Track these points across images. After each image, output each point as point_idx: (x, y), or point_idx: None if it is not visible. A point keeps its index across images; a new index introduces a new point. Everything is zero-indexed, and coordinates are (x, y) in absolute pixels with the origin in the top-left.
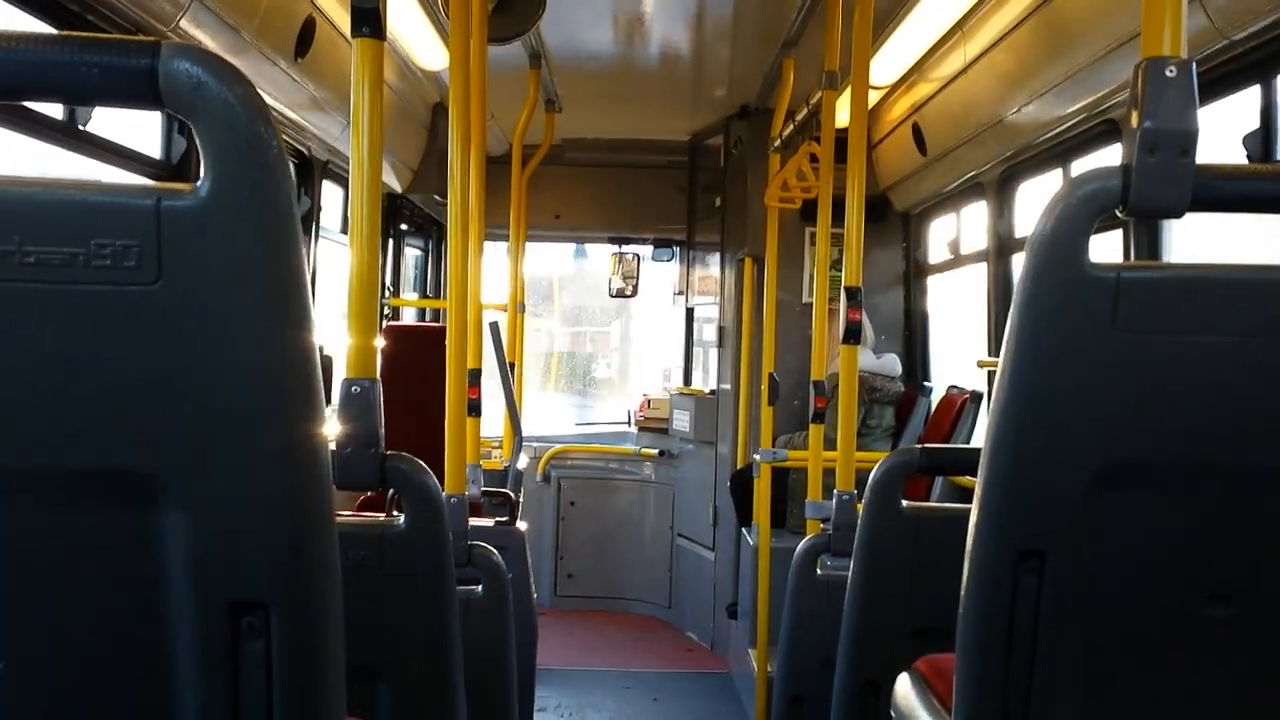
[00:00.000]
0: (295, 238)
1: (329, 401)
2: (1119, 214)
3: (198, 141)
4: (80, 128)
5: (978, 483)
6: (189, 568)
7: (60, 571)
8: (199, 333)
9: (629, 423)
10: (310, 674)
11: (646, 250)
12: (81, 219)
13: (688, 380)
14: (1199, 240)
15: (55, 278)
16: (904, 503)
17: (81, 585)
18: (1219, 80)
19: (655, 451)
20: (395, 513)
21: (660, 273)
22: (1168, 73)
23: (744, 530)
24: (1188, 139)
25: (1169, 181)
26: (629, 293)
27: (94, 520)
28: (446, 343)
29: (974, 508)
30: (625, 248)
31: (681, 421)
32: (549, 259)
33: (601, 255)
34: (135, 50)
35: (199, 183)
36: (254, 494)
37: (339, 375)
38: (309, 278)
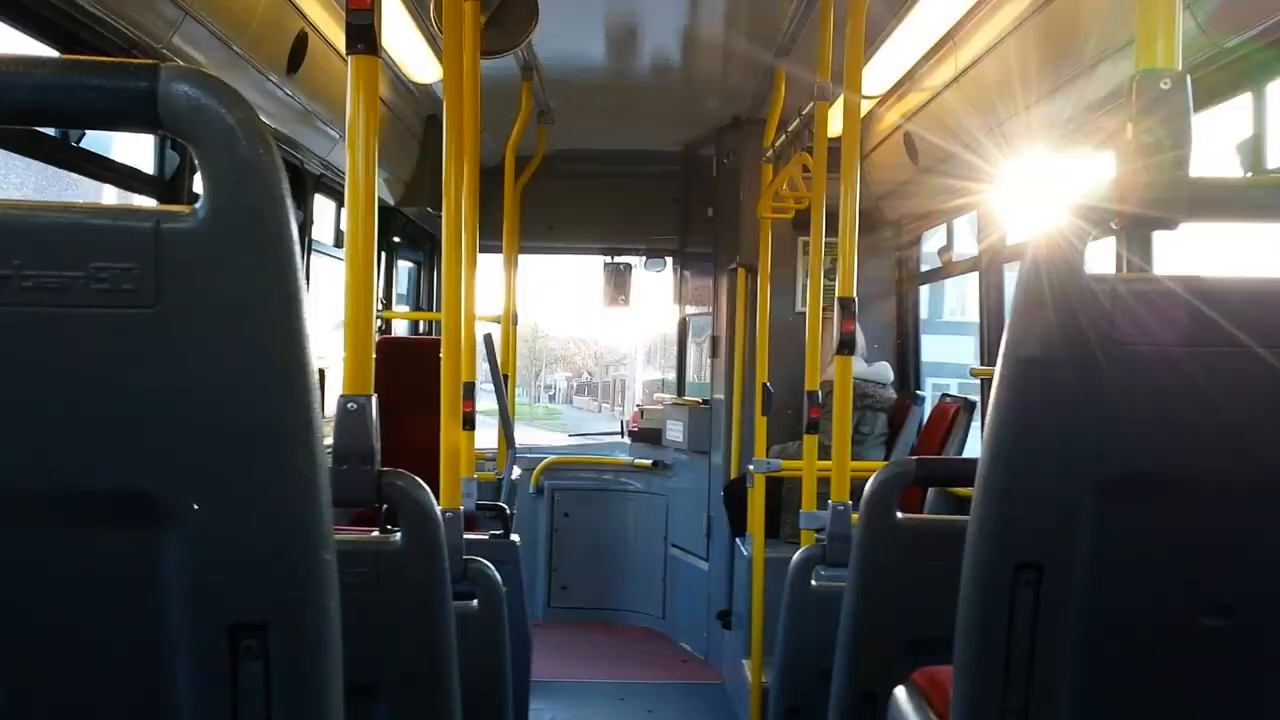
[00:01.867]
0: (294, 260)
1: (324, 416)
2: (1114, 226)
3: (197, 164)
4: (74, 145)
5: (974, 494)
6: (188, 589)
7: (58, 594)
8: (198, 355)
9: (622, 433)
10: (309, 694)
11: (640, 261)
12: (80, 242)
13: (681, 390)
14: (1189, 250)
15: (54, 301)
16: (899, 515)
17: (80, 608)
18: (1211, 88)
19: (649, 462)
20: (391, 528)
21: (656, 283)
22: (1162, 85)
23: (738, 540)
24: (1182, 151)
25: (1164, 193)
26: (622, 303)
27: (92, 543)
28: (441, 356)
29: (971, 519)
30: (618, 258)
31: (675, 432)
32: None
33: (595, 267)
34: (134, 73)
35: (198, 205)
36: (254, 515)
37: (333, 389)
38: (308, 298)
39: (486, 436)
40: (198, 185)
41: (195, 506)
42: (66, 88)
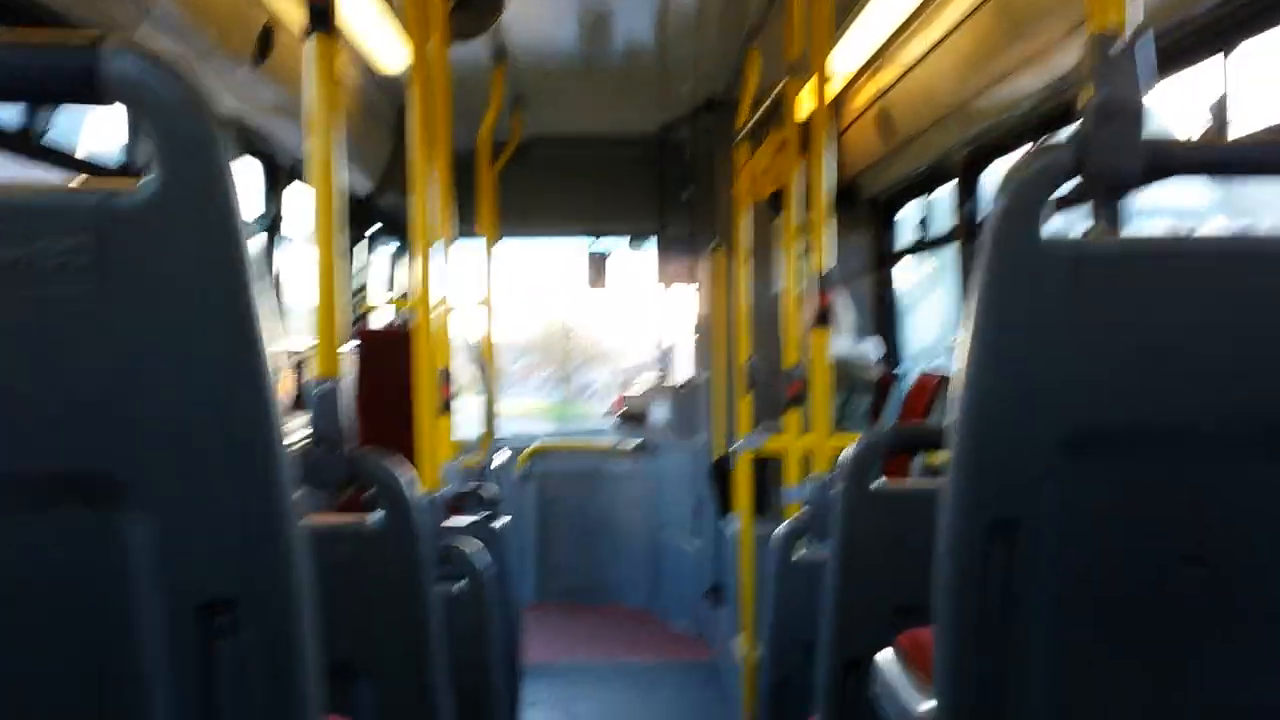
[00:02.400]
0: (241, 234)
1: (304, 406)
2: (1072, 186)
3: (142, 137)
4: (38, 138)
5: (949, 455)
6: (154, 569)
7: (20, 578)
8: (149, 332)
9: (608, 416)
10: (283, 672)
11: (620, 243)
12: (27, 221)
13: (665, 372)
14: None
15: (1, 281)
16: (878, 481)
17: (43, 591)
18: (1184, 50)
19: (634, 444)
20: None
21: (639, 264)
22: (1120, 45)
23: (724, 519)
24: (1139, 110)
25: (1121, 153)
26: (600, 284)
27: (53, 524)
28: (414, 342)
29: (944, 481)
30: (599, 240)
31: (660, 413)
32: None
33: (574, 249)
34: (78, 48)
35: (143, 181)
36: (216, 491)
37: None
38: (257, 275)
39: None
40: None
41: (154, 486)
42: (8, 62)
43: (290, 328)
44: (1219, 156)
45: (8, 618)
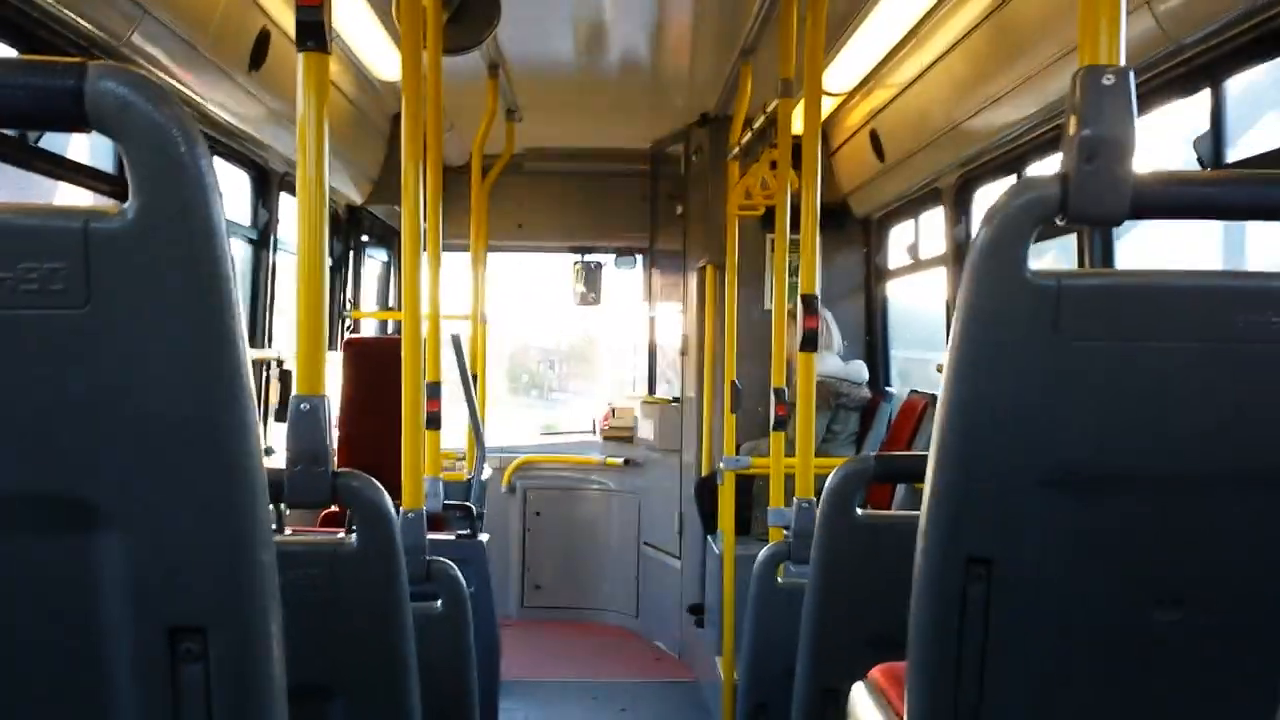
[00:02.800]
0: (224, 258)
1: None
2: (1058, 222)
3: (126, 163)
4: (32, 144)
5: (925, 489)
6: (125, 592)
7: None
8: (129, 356)
9: (594, 432)
10: (251, 695)
11: (609, 259)
12: (8, 242)
13: (652, 389)
14: (1159, 247)
15: None
16: (860, 510)
17: (14, 611)
18: (1169, 84)
19: (620, 460)
20: (352, 529)
21: (626, 280)
22: (1105, 81)
23: (709, 538)
24: (1125, 147)
25: (1107, 189)
26: (592, 301)
27: (25, 546)
28: (402, 355)
29: (922, 514)
30: (587, 256)
31: (646, 430)
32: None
33: (564, 265)
34: (61, 72)
35: (127, 204)
36: (189, 517)
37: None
38: (246, 296)
39: (456, 438)
40: None
41: (128, 509)
42: None
43: (279, 334)
44: (1208, 196)
45: None
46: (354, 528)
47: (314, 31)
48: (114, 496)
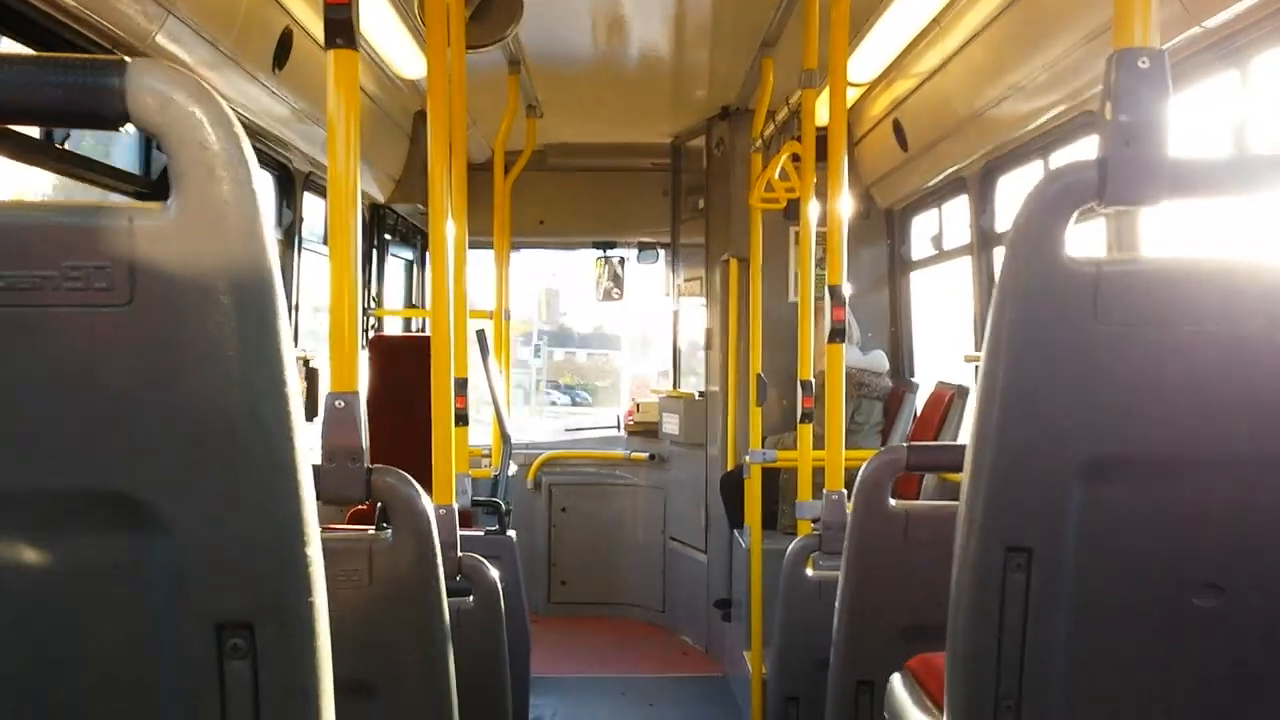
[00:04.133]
0: (267, 254)
1: (316, 413)
2: (1096, 207)
3: (168, 159)
4: (59, 146)
5: (964, 479)
6: (173, 588)
7: (41, 595)
8: (173, 353)
9: (618, 427)
10: (299, 692)
11: (632, 254)
12: (52, 241)
13: (676, 383)
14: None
15: (26, 301)
16: (892, 501)
17: (63, 608)
18: (1195, 67)
19: (645, 455)
20: (384, 525)
21: (649, 275)
22: (1140, 64)
23: (736, 532)
24: (1161, 130)
25: (1144, 173)
26: (615, 296)
27: (74, 543)
28: (431, 352)
29: (961, 504)
30: (610, 252)
31: (671, 424)
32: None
33: (587, 260)
34: (102, 69)
35: (169, 201)
36: (236, 513)
37: (325, 387)
38: (284, 293)
39: (481, 434)
40: None
41: (174, 506)
42: (34, 85)
43: (304, 332)
44: (1245, 177)
45: (27, 632)
46: (386, 524)
47: (343, 29)
48: (160, 493)
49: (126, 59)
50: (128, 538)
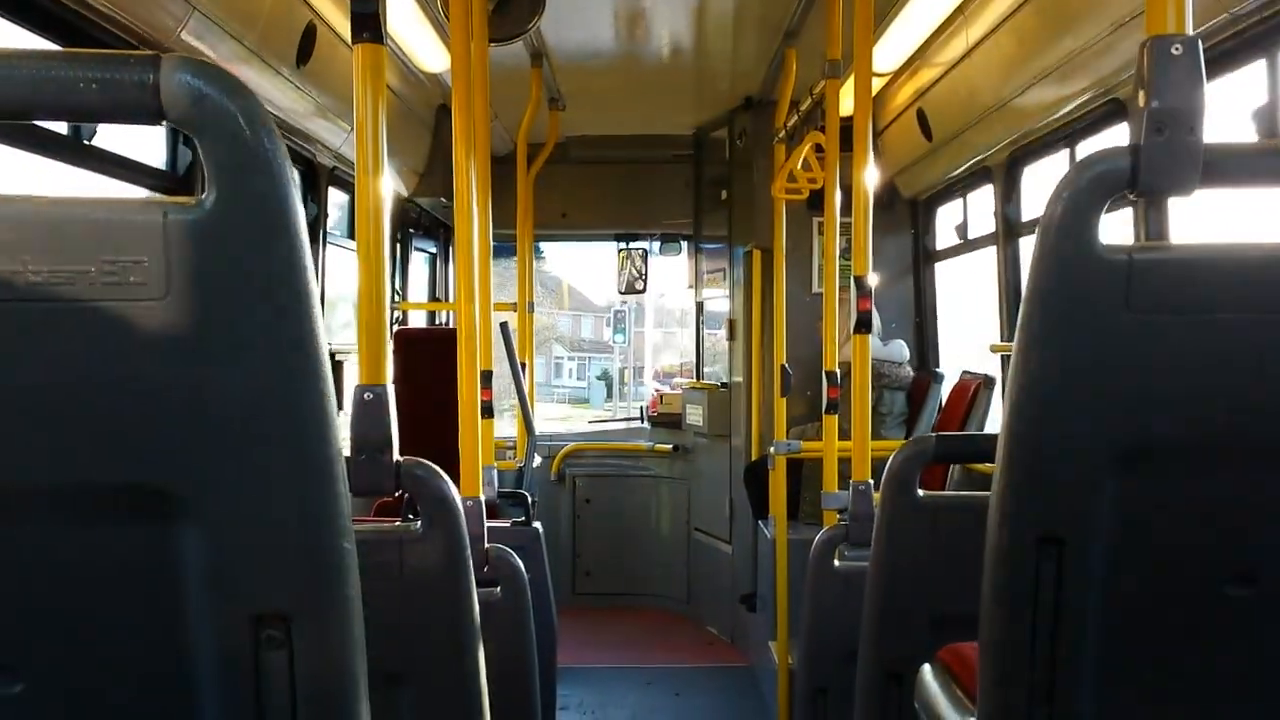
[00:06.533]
0: (302, 247)
1: (341, 407)
2: (1129, 195)
3: (201, 155)
4: (85, 143)
5: (995, 469)
6: (209, 581)
7: (80, 587)
8: (209, 346)
9: (642, 419)
10: (333, 683)
11: (655, 246)
12: (88, 236)
13: (699, 374)
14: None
15: (63, 295)
16: (920, 492)
17: (101, 601)
18: (1224, 55)
19: (669, 447)
20: (412, 517)
21: (673, 267)
22: (1173, 51)
23: (760, 523)
24: (1195, 117)
25: (1178, 160)
26: (639, 288)
27: (111, 536)
28: (457, 345)
29: (993, 495)
30: (633, 244)
31: (694, 416)
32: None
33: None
34: (136, 65)
35: (204, 195)
36: (271, 505)
37: (350, 380)
38: (317, 286)
39: (505, 426)
40: None
41: (210, 499)
42: (68, 81)
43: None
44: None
45: (65, 625)
46: (413, 515)
47: (369, 24)
48: (196, 486)
49: (160, 55)
50: (164, 529)
